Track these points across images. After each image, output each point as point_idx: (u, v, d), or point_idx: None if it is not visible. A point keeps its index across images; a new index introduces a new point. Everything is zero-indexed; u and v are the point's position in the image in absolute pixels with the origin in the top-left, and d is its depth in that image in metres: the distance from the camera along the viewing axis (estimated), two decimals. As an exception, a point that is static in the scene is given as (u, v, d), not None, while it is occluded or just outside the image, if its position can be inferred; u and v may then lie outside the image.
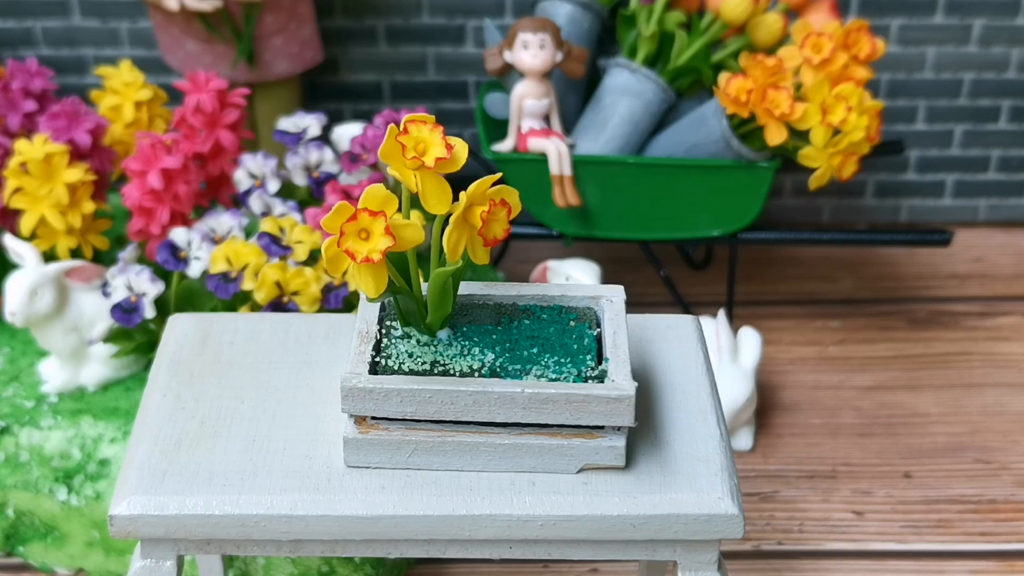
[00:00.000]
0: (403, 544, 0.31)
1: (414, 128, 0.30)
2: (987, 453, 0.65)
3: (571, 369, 0.31)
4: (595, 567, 0.56)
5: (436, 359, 0.31)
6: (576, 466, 0.32)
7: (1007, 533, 0.59)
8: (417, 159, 0.29)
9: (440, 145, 0.30)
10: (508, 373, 0.31)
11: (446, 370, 0.31)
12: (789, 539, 0.59)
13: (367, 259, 0.29)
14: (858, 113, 0.62)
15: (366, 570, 0.53)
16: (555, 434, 0.31)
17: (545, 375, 0.31)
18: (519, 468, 0.32)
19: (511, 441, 0.31)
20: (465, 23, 0.80)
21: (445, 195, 0.30)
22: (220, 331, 0.38)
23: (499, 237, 0.30)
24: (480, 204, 0.30)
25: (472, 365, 0.31)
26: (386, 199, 0.29)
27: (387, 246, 0.29)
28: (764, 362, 0.71)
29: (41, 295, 0.57)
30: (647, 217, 0.68)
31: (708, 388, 0.35)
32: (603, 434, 0.31)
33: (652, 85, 0.66)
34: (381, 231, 0.29)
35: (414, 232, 0.30)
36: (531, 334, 0.33)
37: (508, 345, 0.32)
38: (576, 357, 0.32)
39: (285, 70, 0.75)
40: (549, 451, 0.31)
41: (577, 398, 0.30)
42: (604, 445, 0.31)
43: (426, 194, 0.30)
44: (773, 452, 0.65)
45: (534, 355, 0.32)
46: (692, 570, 0.32)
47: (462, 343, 0.32)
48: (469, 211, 0.30)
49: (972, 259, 0.84)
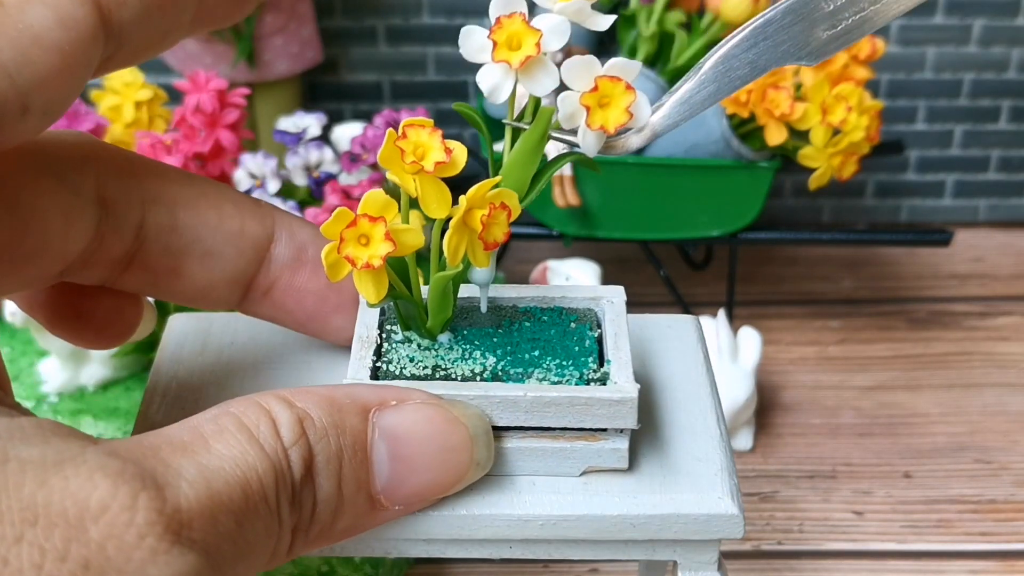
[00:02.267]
0: (403, 543, 0.31)
1: (413, 132, 0.30)
2: (987, 453, 0.65)
3: (573, 372, 0.31)
4: (595, 567, 0.56)
5: (438, 363, 0.31)
6: (579, 469, 0.31)
7: (1007, 533, 0.59)
8: (416, 164, 0.29)
9: (439, 149, 0.29)
10: (510, 377, 0.31)
11: (448, 374, 0.31)
12: (789, 539, 0.59)
13: (368, 265, 0.29)
14: (858, 113, 0.62)
15: (366, 570, 0.53)
16: (557, 437, 0.31)
17: (547, 378, 0.31)
18: (522, 472, 0.32)
19: (513, 445, 0.31)
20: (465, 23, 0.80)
21: (444, 199, 0.30)
22: (220, 331, 0.38)
23: (499, 240, 0.30)
24: (480, 208, 0.30)
25: (474, 369, 0.31)
26: (385, 204, 0.29)
27: (388, 251, 0.29)
28: (764, 362, 0.71)
29: (41, 295, 0.57)
30: (647, 217, 0.68)
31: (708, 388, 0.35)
32: (606, 436, 0.31)
33: (652, 85, 0.66)
34: (381, 236, 0.29)
35: (414, 237, 0.30)
36: (532, 336, 0.32)
37: (509, 348, 0.32)
38: (578, 359, 0.32)
39: (285, 70, 0.75)
40: (552, 454, 0.31)
41: (580, 401, 0.30)
42: (607, 447, 0.31)
43: (426, 198, 0.30)
44: (773, 452, 0.65)
45: (536, 358, 0.31)
46: (692, 570, 0.32)
47: (463, 347, 0.32)
48: (469, 215, 0.30)
49: (972, 259, 0.84)
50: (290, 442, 0.27)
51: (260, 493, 0.26)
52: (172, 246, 0.33)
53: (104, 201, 0.31)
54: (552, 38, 0.30)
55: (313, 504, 0.27)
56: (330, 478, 0.28)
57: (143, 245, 0.32)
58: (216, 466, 0.26)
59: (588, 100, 0.30)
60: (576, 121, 0.30)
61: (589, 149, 0.31)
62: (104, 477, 0.24)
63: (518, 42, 0.30)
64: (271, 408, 0.27)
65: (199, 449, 0.26)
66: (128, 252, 0.32)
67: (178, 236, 0.32)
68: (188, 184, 0.33)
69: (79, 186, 0.31)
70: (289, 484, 0.27)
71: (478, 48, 0.30)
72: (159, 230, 0.32)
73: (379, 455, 0.28)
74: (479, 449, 0.30)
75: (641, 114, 0.31)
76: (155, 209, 0.32)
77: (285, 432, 0.27)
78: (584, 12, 0.30)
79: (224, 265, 0.33)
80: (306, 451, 0.27)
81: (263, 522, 0.26)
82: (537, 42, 0.30)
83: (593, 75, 0.30)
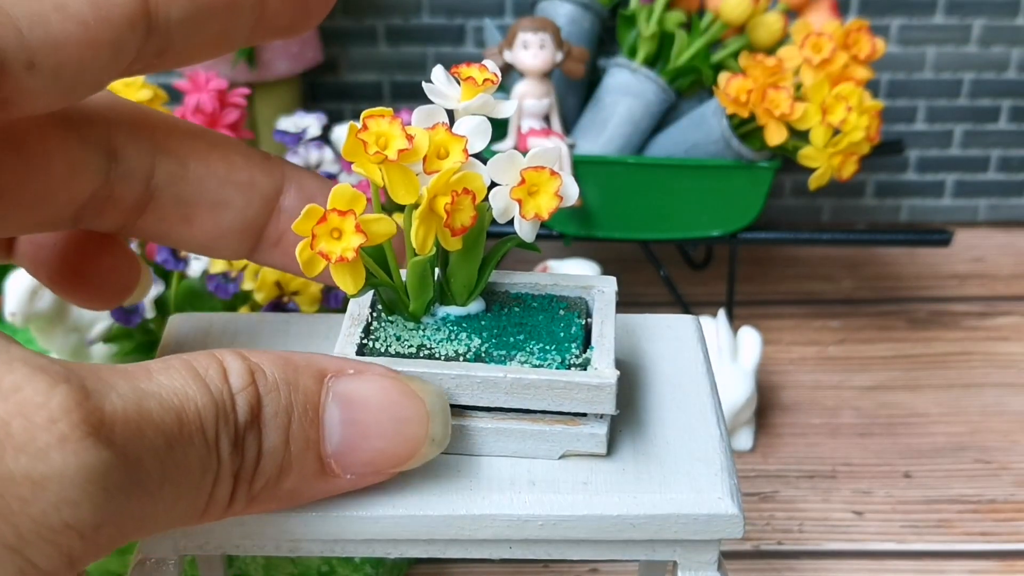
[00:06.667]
0: (403, 544, 0.31)
1: (373, 123, 0.30)
2: (987, 453, 0.65)
3: (555, 356, 0.31)
4: (595, 567, 0.56)
5: (423, 343, 0.32)
6: (558, 452, 0.32)
7: (1007, 533, 0.59)
8: (380, 154, 0.30)
9: (401, 137, 0.30)
10: (492, 358, 0.31)
11: (432, 354, 0.31)
12: (789, 539, 0.59)
13: (341, 258, 0.30)
14: (858, 113, 0.62)
15: (366, 570, 0.53)
16: (537, 420, 0.31)
17: (529, 361, 0.31)
18: (501, 452, 0.32)
19: (493, 425, 0.32)
20: (465, 23, 0.80)
21: (412, 185, 0.31)
22: (220, 331, 0.38)
23: (467, 225, 0.31)
24: (443, 195, 0.30)
25: (458, 349, 0.32)
26: (353, 197, 0.30)
27: (360, 243, 0.29)
28: (764, 362, 0.71)
29: (41, 295, 0.57)
30: (647, 217, 0.68)
31: (708, 388, 0.35)
32: (585, 421, 0.31)
33: (652, 85, 0.66)
34: (352, 229, 0.30)
35: (385, 225, 0.31)
36: (519, 321, 0.33)
37: (495, 331, 0.32)
38: (562, 345, 0.32)
39: (285, 70, 0.75)
40: (531, 436, 0.32)
41: (559, 384, 0.30)
42: (585, 432, 0.31)
43: (393, 186, 0.31)
44: (773, 452, 0.65)
45: (520, 341, 0.32)
46: (692, 570, 0.32)
47: (450, 328, 0.32)
48: (433, 203, 0.30)
49: (972, 259, 0.84)
50: (238, 388, 0.27)
51: (196, 423, 0.26)
52: (182, 195, 0.33)
53: (113, 150, 0.32)
54: (476, 139, 0.31)
55: (258, 453, 0.27)
56: (278, 430, 0.27)
57: (154, 194, 0.33)
58: (152, 391, 0.25)
59: (518, 194, 0.31)
60: (511, 214, 0.31)
61: (527, 236, 0.32)
62: (24, 365, 0.23)
63: (445, 151, 0.31)
64: (223, 358, 0.27)
65: (140, 376, 0.25)
66: (139, 200, 0.33)
67: (188, 185, 0.33)
68: (198, 137, 0.34)
69: (87, 134, 0.32)
70: (232, 425, 0.26)
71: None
72: (169, 179, 0.33)
73: (331, 418, 0.28)
74: (435, 425, 0.30)
75: (570, 194, 0.32)
76: (165, 159, 0.33)
77: (234, 379, 0.27)
78: (488, 105, 0.32)
79: (234, 215, 0.34)
80: (254, 399, 0.27)
81: (197, 452, 0.26)
82: (464, 148, 0.31)
83: (518, 169, 0.31)
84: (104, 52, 0.28)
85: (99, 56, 0.28)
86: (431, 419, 0.30)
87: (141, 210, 0.33)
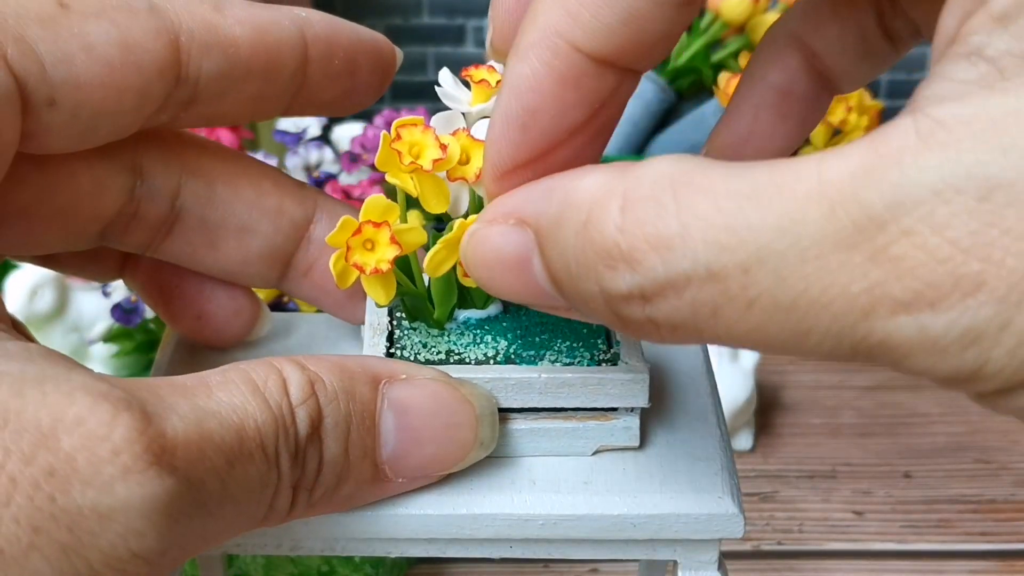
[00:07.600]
0: (403, 543, 0.31)
1: (406, 132, 0.30)
2: (987, 453, 0.65)
3: (584, 353, 0.31)
4: (595, 567, 0.56)
5: (451, 348, 0.32)
6: (592, 448, 0.32)
7: (1007, 533, 0.59)
8: (414, 164, 0.29)
9: (434, 146, 0.30)
10: (523, 359, 0.31)
11: (461, 359, 0.31)
12: (789, 539, 0.59)
13: (376, 270, 0.29)
14: (858, 113, 0.62)
15: (366, 570, 0.53)
16: (570, 417, 0.31)
17: (559, 359, 0.31)
18: (535, 452, 0.32)
19: (527, 426, 0.31)
20: (465, 23, 0.80)
21: (444, 194, 0.30)
22: (220, 331, 0.38)
23: None
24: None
25: (487, 353, 0.32)
26: (387, 208, 0.30)
27: (394, 255, 0.29)
28: (764, 362, 0.71)
29: (41, 295, 0.57)
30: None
31: (708, 388, 0.35)
32: (617, 415, 0.31)
33: (652, 85, 0.66)
34: (387, 241, 0.29)
35: (417, 235, 0.30)
36: (540, 320, 0.33)
37: (519, 332, 0.32)
38: (587, 341, 0.32)
39: (285, 70, 0.75)
40: (565, 434, 0.32)
41: (593, 381, 0.30)
42: (619, 426, 0.32)
43: (425, 195, 0.30)
44: (773, 452, 0.65)
45: (546, 340, 0.32)
46: (692, 569, 0.32)
47: (473, 332, 0.32)
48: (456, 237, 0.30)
49: (972, 259, 0.84)
50: (298, 401, 0.27)
51: (256, 440, 0.26)
52: (208, 218, 0.33)
53: (139, 168, 0.32)
54: None
55: (319, 465, 0.27)
56: (338, 440, 0.28)
57: (180, 215, 0.33)
58: (212, 409, 0.25)
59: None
60: None
61: None
62: (86, 395, 0.23)
63: (467, 156, 0.31)
64: (283, 368, 0.27)
65: (199, 393, 0.25)
66: (165, 219, 0.33)
67: (214, 208, 0.33)
68: (229, 159, 0.34)
69: (113, 151, 0.31)
70: (292, 439, 0.26)
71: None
72: (196, 200, 0.33)
73: (386, 425, 0.29)
74: (484, 429, 0.30)
75: None
76: (192, 180, 0.33)
77: (294, 391, 0.27)
78: None
79: (260, 241, 0.34)
80: (315, 411, 0.27)
81: (257, 468, 0.26)
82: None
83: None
84: (129, 97, 0.27)
85: (123, 100, 0.27)
86: (480, 423, 0.30)
87: (167, 231, 0.33)
